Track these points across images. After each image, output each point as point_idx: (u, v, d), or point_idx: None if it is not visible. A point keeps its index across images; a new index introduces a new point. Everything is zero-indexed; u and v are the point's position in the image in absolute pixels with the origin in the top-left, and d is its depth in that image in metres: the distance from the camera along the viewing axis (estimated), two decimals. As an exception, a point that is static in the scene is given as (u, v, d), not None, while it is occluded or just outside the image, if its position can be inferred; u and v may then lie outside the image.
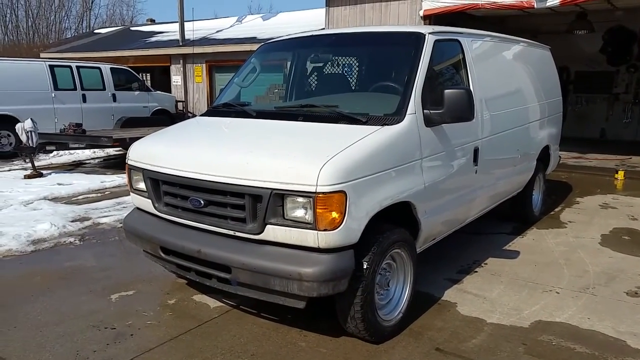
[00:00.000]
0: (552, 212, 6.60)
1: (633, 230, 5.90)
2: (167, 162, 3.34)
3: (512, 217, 6.01)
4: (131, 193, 3.77)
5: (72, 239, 5.40)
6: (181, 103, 16.26)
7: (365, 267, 3.03)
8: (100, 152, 11.69)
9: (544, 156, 6.03)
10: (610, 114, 13.93)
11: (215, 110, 4.21)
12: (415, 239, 3.56)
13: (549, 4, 9.08)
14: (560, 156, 6.95)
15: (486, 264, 4.75)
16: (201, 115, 4.32)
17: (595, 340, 3.39)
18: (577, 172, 9.40)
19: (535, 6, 9.18)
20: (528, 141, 5.50)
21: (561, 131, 6.72)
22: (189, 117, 15.34)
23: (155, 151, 3.55)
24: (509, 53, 5.30)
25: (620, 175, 8.84)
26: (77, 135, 9.54)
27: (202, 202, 3.15)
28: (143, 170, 3.51)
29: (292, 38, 4.71)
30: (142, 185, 3.58)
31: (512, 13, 10.42)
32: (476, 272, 4.55)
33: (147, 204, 3.56)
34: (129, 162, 3.69)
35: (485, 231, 5.66)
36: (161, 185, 3.41)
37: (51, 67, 11.52)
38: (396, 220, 3.35)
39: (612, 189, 8.10)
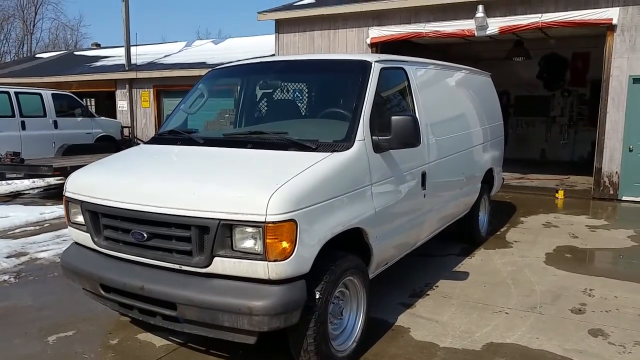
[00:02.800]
0: (498, 232, 6.79)
1: (574, 247, 6.15)
2: (107, 194, 3.18)
3: (460, 238, 6.14)
4: (69, 227, 3.55)
5: (6, 277, 5.03)
6: (127, 129, 15.78)
7: (317, 297, 2.97)
8: (40, 182, 11.10)
9: (488, 178, 6.23)
10: (549, 135, 14.67)
11: (161, 137, 4.08)
12: (367, 265, 3.54)
13: (488, 32, 9.54)
14: (503, 178, 7.22)
15: (437, 286, 4.79)
16: (145, 143, 4.17)
17: (545, 360, 3.46)
18: (520, 192, 9.77)
19: (475, 34, 9.62)
20: (473, 164, 5.66)
21: (503, 153, 6.99)
22: (136, 143, 14.91)
23: (94, 182, 3.37)
24: (452, 80, 5.49)
25: (560, 194, 9.26)
26: (14, 165, 9.02)
27: (145, 235, 3.00)
28: (81, 202, 3.32)
29: (241, 64, 4.67)
30: (80, 219, 3.38)
31: (454, 41, 10.88)
32: (428, 295, 4.58)
33: (85, 238, 3.36)
34: (66, 194, 3.49)
35: (435, 253, 5.74)
36: (101, 219, 3.23)
37: (-14, 93, 10.93)
38: (347, 247, 3.32)
39: (553, 208, 8.46)
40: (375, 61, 3.82)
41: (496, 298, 4.51)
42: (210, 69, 4.71)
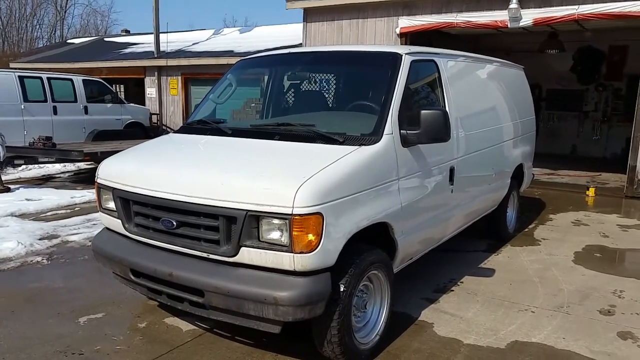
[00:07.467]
0: (526, 229, 6.68)
1: (604, 247, 6.00)
2: (139, 182, 3.24)
3: (487, 235, 6.06)
4: (100, 212, 3.64)
5: (39, 258, 5.20)
6: (155, 116, 16.02)
7: (342, 289, 2.98)
8: (70, 166, 11.38)
9: (518, 174, 6.12)
10: (581, 131, 14.29)
11: (190, 127, 4.13)
12: (392, 259, 3.53)
13: (522, 24, 9.29)
14: (533, 174, 7.07)
15: (462, 282, 4.74)
16: (175, 132, 4.23)
17: (571, 361, 3.40)
18: (550, 188, 9.57)
19: (509, 26, 9.38)
20: (502, 160, 5.56)
21: (534, 148, 6.84)
22: (163, 130, 15.14)
23: (126, 170, 3.44)
24: (484, 73, 5.38)
25: (591, 192, 9.04)
26: (46, 149, 9.27)
27: (174, 223, 3.05)
28: (113, 189, 3.40)
29: (270, 55, 4.67)
30: (111, 205, 3.46)
31: (486, 32, 10.64)
32: (452, 291, 4.54)
33: (116, 224, 3.45)
34: (99, 181, 3.57)
35: (461, 249, 5.68)
36: (132, 205, 3.30)
37: (21, 77, 11.21)
38: (372, 240, 3.32)
39: (583, 206, 8.27)
40: (406, 53, 3.77)
41: (522, 296, 4.44)
42: (238, 60, 4.73)
